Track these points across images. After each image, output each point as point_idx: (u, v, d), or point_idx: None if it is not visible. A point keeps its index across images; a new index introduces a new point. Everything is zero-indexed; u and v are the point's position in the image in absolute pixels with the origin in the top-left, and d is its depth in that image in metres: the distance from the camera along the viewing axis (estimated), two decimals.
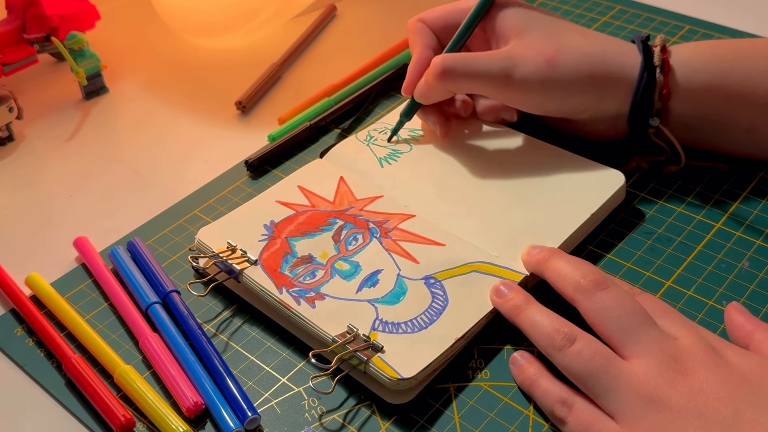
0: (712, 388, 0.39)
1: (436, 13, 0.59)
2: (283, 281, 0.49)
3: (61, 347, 0.48)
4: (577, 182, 0.55)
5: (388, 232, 0.53)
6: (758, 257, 0.52)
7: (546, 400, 0.43)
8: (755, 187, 0.57)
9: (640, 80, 0.54)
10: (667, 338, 0.42)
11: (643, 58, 0.55)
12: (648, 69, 0.54)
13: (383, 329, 0.47)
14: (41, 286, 0.52)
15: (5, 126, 0.65)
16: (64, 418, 0.46)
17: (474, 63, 0.55)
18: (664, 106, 0.55)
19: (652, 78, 0.54)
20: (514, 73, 0.54)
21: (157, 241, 0.56)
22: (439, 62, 0.55)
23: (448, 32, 0.58)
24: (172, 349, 0.48)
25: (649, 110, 0.55)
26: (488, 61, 0.54)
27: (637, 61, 0.55)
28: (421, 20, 0.59)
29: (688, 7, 0.75)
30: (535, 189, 0.55)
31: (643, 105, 0.55)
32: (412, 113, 0.60)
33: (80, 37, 0.67)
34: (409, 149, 0.59)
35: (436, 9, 0.59)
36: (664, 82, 0.54)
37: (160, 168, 0.63)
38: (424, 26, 0.59)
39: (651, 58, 0.54)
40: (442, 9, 0.59)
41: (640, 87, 0.54)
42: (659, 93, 0.54)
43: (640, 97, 0.54)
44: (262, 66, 0.71)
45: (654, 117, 0.55)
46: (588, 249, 0.53)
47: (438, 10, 0.59)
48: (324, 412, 0.45)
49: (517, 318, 0.46)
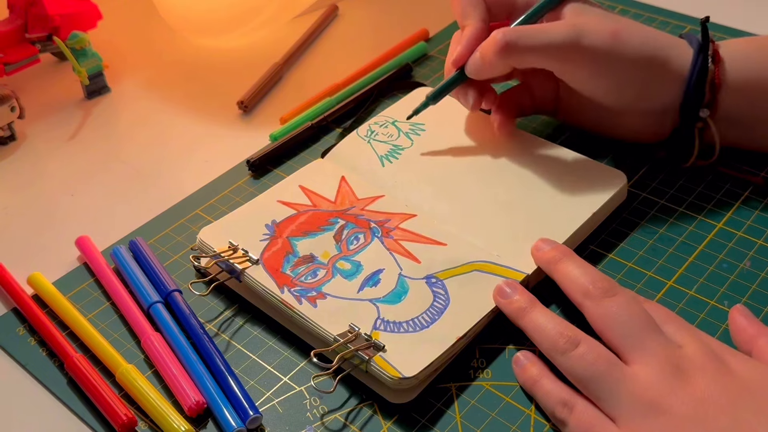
0: (713, 397, 0.39)
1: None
2: (285, 280, 0.50)
3: (63, 346, 0.48)
4: (578, 181, 0.55)
5: (389, 231, 0.53)
6: (760, 257, 0.52)
7: (547, 400, 0.43)
8: (757, 187, 0.57)
9: (693, 68, 0.54)
10: (671, 345, 0.42)
11: (698, 47, 0.54)
12: (703, 54, 0.54)
13: (385, 328, 0.47)
14: (43, 285, 0.52)
15: (7, 125, 0.65)
16: (66, 417, 0.46)
17: (538, 35, 0.53)
18: (713, 98, 0.54)
19: (705, 66, 0.54)
20: (580, 42, 0.52)
21: (158, 240, 0.56)
22: (500, 37, 0.52)
23: (499, 8, 0.57)
24: (173, 348, 0.48)
25: (699, 100, 0.54)
26: (553, 32, 0.53)
27: (689, 55, 0.54)
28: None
29: (689, 7, 0.75)
30: (537, 188, 0.55)
31: (695, 94, 0.54)
32: (446, 92, 0.58)
33: (82, 36, 0.67)
34: (410, 144, 0.59)
35: None
36: (716, 72, 0.54)
37: (161, 167, 0.63)
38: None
39: (707, 46, 0.54)
40: None
41: (693, 73, 0.54)
42: (710, 83, 0.54)
43: (693, 86, 0.54)
44: (264, 65, 0.71)
45: (704, 108, 0.54)
46: (590, 249, 0.53)
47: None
48: (325, 411, 0.45)
49: (520, 320, 0.46)
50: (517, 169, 0.57)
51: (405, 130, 0.61)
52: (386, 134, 0.60)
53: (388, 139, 0.60)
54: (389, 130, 0.61)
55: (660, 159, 0.58)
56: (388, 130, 0.61)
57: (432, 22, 0.76)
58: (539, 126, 0.63)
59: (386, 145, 0.60)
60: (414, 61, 0.71)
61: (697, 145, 0.56)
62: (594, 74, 0.54)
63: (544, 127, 0.63)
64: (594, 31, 0.52)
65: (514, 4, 0.57)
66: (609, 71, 0.54)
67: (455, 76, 0.57)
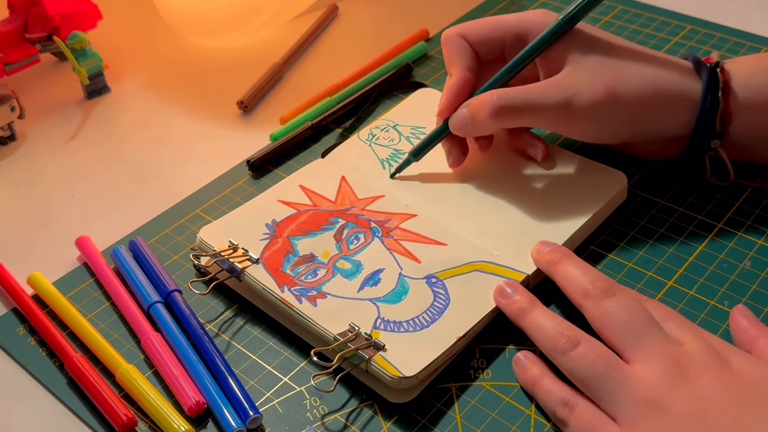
0: (715, 395, 0.39)
1: (478, 30, 0.55)
2: (285, 280, 0.49)
3: (62, 346, 0.48)
4: (579, 182, 0.55)
5: (389, 231, 0.53)
6: (760, 257, 0.52)
7: (548, 400, 0.43)
8: (757, 188, 0.57)
9: (703, 104, 0.52)
10: (671, 343, 0.42)
11: (707, 80, 0.52)
12: (712, 92, 0.52)
13: (385, 328, 0.47)
14: (43, 285, 0.52)
15: (7, 125, 0.65)
16: (66, 417, 0.46)
17: (531, 97, 0.51)
18: (725, 129, 0.53)
19: (715, 101, 0.52)
20: (572, 103, 0.51)
21: (158, 240, 0.56)
22: (495, 99, 0.51)
23: (489, 51, 0.55)
24: (173, 348, 0.48)
25: (711, 134, 0.53)
26: (545, 93, 0.51)
27: (697, 84, 0.53)
28: (461, 35, 0.55)
29: (689, 7, 0.75)
30: (537, 188, 0.55)
31: (706, 129, 0.53)
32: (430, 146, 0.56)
33: (82, 36, 0.67)
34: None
35: (478, 23, 0.55)
36: (726, 106, 0.52)
37: (161, 167, 0.63)
38: (465, 43, 0.55)
39: (715, 83, 0.52)
40: (485, 24, 0.55)
41: (703, 111, 0.52)
42: (721, 116, 0.52)
43: (703, 122, 0.52)
44: (264, 65, 0.71)
45: (715, 140, 0.53)
46: (590, 249, 0.53)
47: (480, 26, 0.55)
48: (326, 411, 0.45)
49: (521, 320, 0.46)
50: (518, 169, 0.57)
51: (406, 134, 0.61)
52: (387, 138, 0.61)
53: (389, 143, 0.60)
54: (390, 134, 0.61)
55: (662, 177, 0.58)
56: (389, 134, 0.61)
57: (432, 22, 0.76)
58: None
59: (387, 149, 0.60)
60: (414, 61, 0.71)
61: (708, 170, 0.55)
62: (590, 128, 0.53)
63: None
64: (587, 89, 0.51)
65: (503, 46, 0.55)
66: (605, 124, 0.53)
67: (439, 129, 0.56)
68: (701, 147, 0.54)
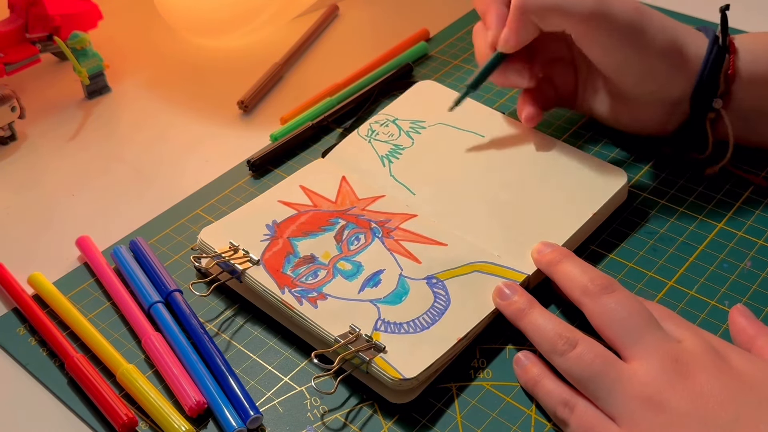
0: (714, 392, 0.39)
1: None
2: (286, 281, 0.50)
3: (63, 346, 0.48)
4: (579, 181, 0.55)
5: (390, 231, 0.53)
6: (760, 257, 0.52)
7: (548, 401, 0.43)
8: (758, 188, 0.57)
9: (708, 55, 0.54)
10: (670, 340, 0.42)
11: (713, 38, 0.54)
12: (717, 44, 0.54)
13: (385, 329, 0.47)
14: (43, 285, 0.52)
15: (7, 125, 0.65)
16: (66, 417, 0.46)
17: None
18: (727, 90, 0.54)
19: (720, 56, 0.54)
20: (605, 9, 0.52)
21: (159, 240, 0.56)
22: None
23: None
24: (174, 348, 0.48)
25: (713, 90, 0.54)
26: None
27: (705, 46, 0.54)
28: None
29: (690, 7, 0.75)
30: (538, 188, 0.55)
31: (708, 84, 0.54)
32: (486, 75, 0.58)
33: (83, 36, 0.67)
34: (411, 143, 0.59)
35: None
36: (730, 63, 0.54)
37: (162, 167, 0.63)
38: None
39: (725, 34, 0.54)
40: None
41: (708, 62, 0.54)
42: (725, 73, 0.54)
43: (707, 75, 0.54)
44: (264, 65, 0.71)
45: (717, 98, 0.54)
46: (590, 249, 0.53)
47: None
48: (326, 411, 0.45)
49: (520, 321, 0.46)
50: (518, 169, 0.57)
51: (406, 129, 0.61)
52: (387, 133, 0.60)
53: (389, 139, 0.60)
54: (390, 129, 0.61)
55: (665, 156, 0.58)
56: (389, 129, 0.61)
57: (432, 22, 0.76)
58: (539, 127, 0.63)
59: (387, 145, 0.60)
60: (414, 61, 0.71)
61: (711, 136, 0.56)
62: (615, 45, 0.54)
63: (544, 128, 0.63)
64: (619, 2, 0.53)
65: None
66: (630, 45, 0.53)
67: (493, 58, 0.57)
68: (704, 106, 0.54)
